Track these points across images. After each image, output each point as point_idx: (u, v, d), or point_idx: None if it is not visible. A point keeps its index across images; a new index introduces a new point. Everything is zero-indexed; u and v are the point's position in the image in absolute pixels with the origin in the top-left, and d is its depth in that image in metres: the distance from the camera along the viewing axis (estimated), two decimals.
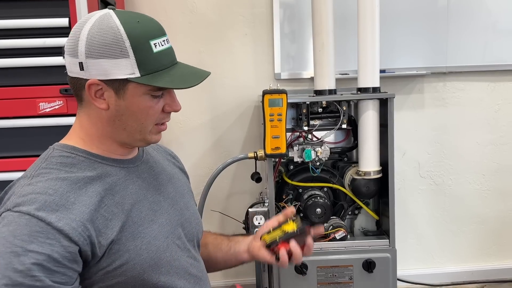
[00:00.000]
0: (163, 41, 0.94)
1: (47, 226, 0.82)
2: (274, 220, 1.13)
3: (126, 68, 0.90)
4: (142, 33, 0.91)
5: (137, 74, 0.90)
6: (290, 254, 1.04)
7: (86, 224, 0.87)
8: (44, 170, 0.91)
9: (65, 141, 0.99)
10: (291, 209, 1.12)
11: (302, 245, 1.05)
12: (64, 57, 0.94)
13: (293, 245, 1.04)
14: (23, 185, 0.88)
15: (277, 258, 1.05)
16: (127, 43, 0.89)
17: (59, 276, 0.82)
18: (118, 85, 0.91)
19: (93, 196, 0.90)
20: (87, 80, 0.91)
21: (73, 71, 0.92)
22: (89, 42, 0.89)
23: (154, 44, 0.92)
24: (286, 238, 1.04)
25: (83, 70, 0.91)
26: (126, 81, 0.91)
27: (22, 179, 0.91)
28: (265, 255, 1.08)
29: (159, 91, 0.93)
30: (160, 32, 0.94)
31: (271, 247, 1.05)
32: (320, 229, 1.10)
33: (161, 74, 0.92)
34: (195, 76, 0.96)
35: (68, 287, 0.84)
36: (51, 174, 0.90)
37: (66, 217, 0.84)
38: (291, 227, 1.07)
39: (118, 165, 0.99)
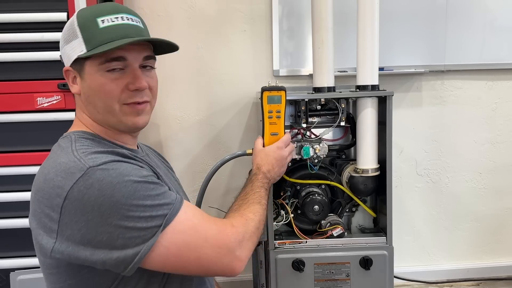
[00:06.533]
0: (116, 18, 0.92)
1: (137, 162, 0.90)
2: None
3: (78, 47, 0.92)
4: (89, 13, 0.93)
5: (85, 50, 0.91)
6: None
7: None
8: (84, 147, 0.90)
9: (73, 129, 1.00)
10: None
11: None
12: None
13: None
14: (77, 158, 0.87)
15: None
16: (76, 24, 0.92)
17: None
18: (79, 66, 0.94)
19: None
20: None
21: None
22: (61, 35, 0.96)
23: (102, 20, 0.91)
24: None
25: (62, 61, 0.97)
26: (83, 61, 0.93)
27: (66, 155, 0.89)
28: None
29: (107, 63, 0.92)
30: (112, 10, 0.93)
31: None
32: None
33: (103, 46, 0.90)
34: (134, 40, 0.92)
35: (173, 193, 0.92)
36: (92, 148, 0.90)
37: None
38: None
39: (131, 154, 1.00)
